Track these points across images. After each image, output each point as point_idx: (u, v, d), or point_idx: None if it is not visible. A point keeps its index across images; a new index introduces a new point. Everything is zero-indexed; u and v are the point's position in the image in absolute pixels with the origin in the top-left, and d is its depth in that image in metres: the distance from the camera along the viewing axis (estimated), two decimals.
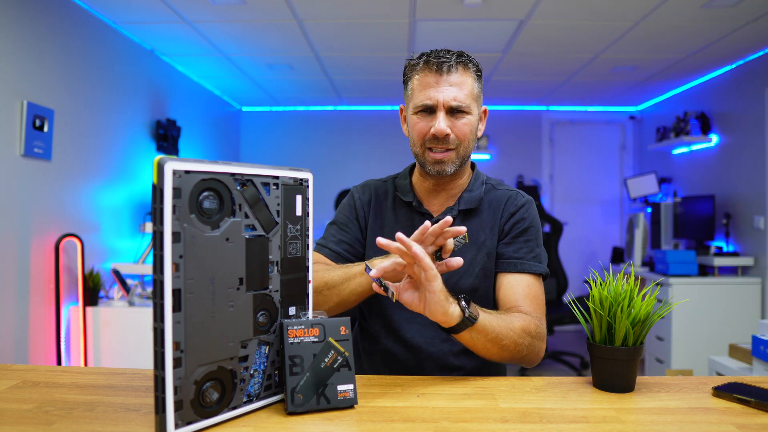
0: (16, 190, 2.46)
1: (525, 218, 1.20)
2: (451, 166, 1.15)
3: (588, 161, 5.47)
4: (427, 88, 1.12)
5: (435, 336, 1.17)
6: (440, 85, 1.11)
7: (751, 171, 3.57)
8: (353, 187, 1.33)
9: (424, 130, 1.13)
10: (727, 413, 0.81)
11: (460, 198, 1.22)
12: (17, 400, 0.83)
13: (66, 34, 2.77)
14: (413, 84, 1.16)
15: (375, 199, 1.27)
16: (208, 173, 0.72)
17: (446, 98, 1.11)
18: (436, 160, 1.14)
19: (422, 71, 1.14)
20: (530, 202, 1.23)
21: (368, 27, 3.22)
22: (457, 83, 1.12)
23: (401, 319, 1.19)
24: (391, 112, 5.49)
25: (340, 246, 1.23)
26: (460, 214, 1.20)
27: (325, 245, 1.24)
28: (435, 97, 1.11)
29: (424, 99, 1.12)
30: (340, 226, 1.27)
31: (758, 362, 2.28)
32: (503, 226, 1.21)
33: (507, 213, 1.21)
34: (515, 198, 1.23)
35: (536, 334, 1.03)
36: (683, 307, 3.48)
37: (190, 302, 0.70)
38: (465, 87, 1.12)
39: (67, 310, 2.82)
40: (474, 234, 1.20)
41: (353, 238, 1.25)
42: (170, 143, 3.78)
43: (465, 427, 0.75)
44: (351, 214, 1.27)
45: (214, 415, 0.73)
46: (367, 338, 1.26)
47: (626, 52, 3.59)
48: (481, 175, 1.27)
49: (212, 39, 3.43)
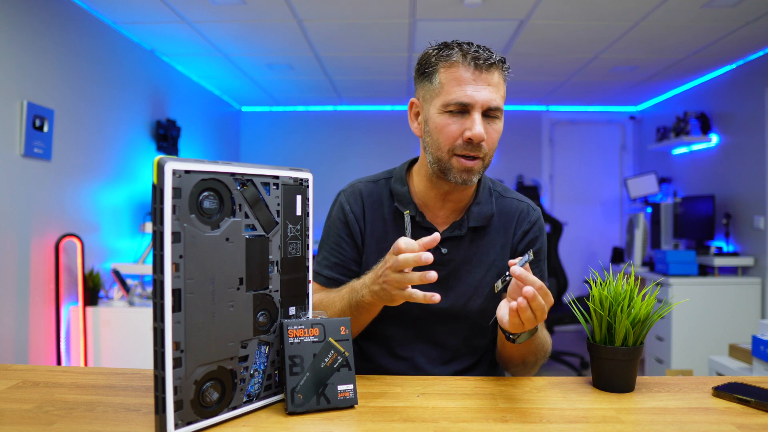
0: (16, 190, 2.45)
1: (537, 237, 1.15)
2: (476, 176, 1.03)
3: (588, 161, 5.47)
4: (463, 84, 0.98)
5: (438, 357, 1.13)
6: (478, 83, 0.98)
7: (751, 171, 3.57)
8: (341, 194, 1.18)
9: (455, 133, 0.99)
10: (727, 413, 0.81)
11: (468, 212, 1.11)
12: (17, 400, 0.83)
13: (66, 34, 2.77)
14: (442, 77, 1.01)
15: (369, 210, 1.14)
16: (208, 173, 0.72)
17: (484, 99, 0.98)
18: (466, 168, 1.01)
19: (456, 64, 0.99)
20: (540, 217, 1.17)
21: (368, 27, 3.22)
22: (495, 83, 1.00)
23: (405, 338, 1.13)
24: (391, 112, 5.49)
25: (335, 270, 1.13)
26: (469, 231, 1.11)
27: (320, 272, 1.14)
28: (473, 96, 0.98)
29: (461, 96, 0.98)
30: (332, 246, 1.15)
31: (758, 362, 2.28)
32: (516, 245, 1.14)
33: (520, 231, 1.14)
34: (527, 213, 1.15)
35: (547, 354, 1.08)
36: (683, 307, 3.48)
37: (190, 302, 0.70)
38: (501, 89, 1.02)
39: (67, 310, 2.82)
40: (483, 252, 1.11)
41: (348, 258, 1.14)
42: (170, 143, 3.78)
43: (465, 427, 0.75)
44: (343, 231, 1.14)
45: (214, 415, 0.73)
46: (363, 358, 1.18)
47: (626, 52, 3.59)
48: (486, 180, 1.16)
49: (212, 39, 3.43)
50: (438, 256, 1.08)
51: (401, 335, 1.12)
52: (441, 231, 1.10)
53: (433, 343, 1.12)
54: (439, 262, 1.08)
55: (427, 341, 1.12)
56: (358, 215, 1.14)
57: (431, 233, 0.96)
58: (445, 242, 1.10)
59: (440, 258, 1.09)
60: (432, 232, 1.08)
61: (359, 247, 1.14)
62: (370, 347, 1.16)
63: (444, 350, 1.12)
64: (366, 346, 1.17)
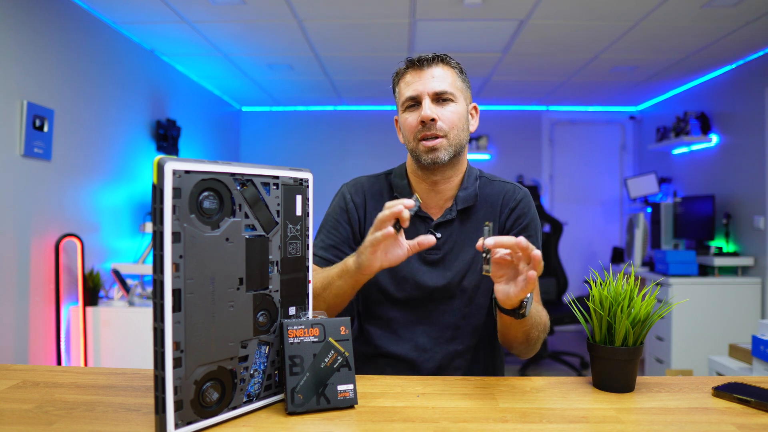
0: (16, 190, 2.45)
1: (525, 213, 1.22)
2: (444, 153, 1.14)
3: (588, 161, 5.47)
4: (410, 84, 1.16)
5: (439, 336, 1.18)
6: (423, 78, 1.14)
7: (751, 171, 3.57)
8: (344, 186, 1.30)
9: (413, 122, 1.15)
10: (727, 413, 0.81)
11: (456, 198, 1.21)
12: (17, 400, 0.83)
13: (66, 34, 2.77)
14: (400, 87, 1.19)
15: (370, 200, 1.25)
16: (208, 173, 0.72)
17: (429, 87, 1.13)
18: (428, 147, 1.13)
19: (405, 73, 1.18)
20: (528, 195, 1.25)
21: (368, 27, 3.22)
22: (439, 75, 1.14)
23: (406, 320, 1.20)
24: (391, 112, 5.49)
25: (329, 252, 1.21)
26: (458, 214, 1.20)
27: (316, 253, 1.21)
28: (418, 89, 1.14)
29: (409, 92, 1.15)
30: (328, 230, 1.24)
31: (758, 362, 2.28)
32: (504, 222, 1.22)
33: (507, 209, 1.22)
34: (513, 192, 1.24)
35: (546, 327, 1.11)
36: (683, 307, 3.48)
37: (190, 302, 0.70)
38: (447, 78, 1.15)
39: (67, 310, 2.82)
40: (473, 232, 1.20)
41: (341, 240, 1.23)
42: (170, 143, 3.78)
43: (465, 427, 0.75)
44: (341, 217, 1.25)
45: (214, 415, 0.73)
46: (365, 342, 1.25)
47: (626, 52, 3.59)
48: (474, 170, 1.26)
49: (212, 39, 3.43)
50: None
51: (402, 317, 1.20)
52: (435, 219, 1.21)
53: (433, 322, 1.19)
54: (435, 246, 1.15)
55: (428, 321, 1.19)
56: (359, 205, 1.25)
57: (426, 221, 1.20)
58: (438, 227, 1.20)
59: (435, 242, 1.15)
60: (427, 220, 1.21)
61: (356, 234, 1.24)
62: (375, 331, 1.22)
63: (444, 329, 1.19)
64: (369, 330, 1.23)
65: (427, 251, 1.17)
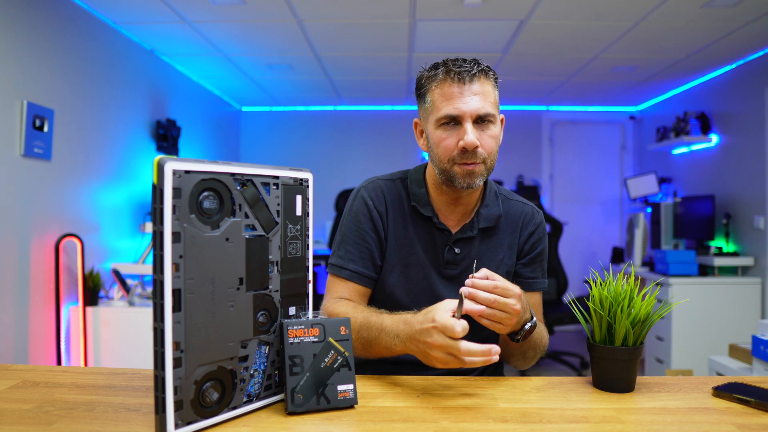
0: (16, 190, 2.45)
1: (541, 238, 1.24)
2: (480, 179, 1.09)
3: (588, 161, 5.47)
4: (450, 99, 1.06)
5: None
6: (464, 95, 1.06)
7: (751, 171, 3.57)
8: (362, 190, 1.22)
9: (451, 145, 1.07)
10: (727, 413, 0.81)
11: (477, 214, 1.18)
12: (17, 400, 0.83)
13: (66, 34, 2.77)
14: (433, 96, 1.09)
15: (391, 208, 1.20)
16: (208, 173, 0.72)
17: (472, 108, 1.05)
18: (468, 171, 1.07)
19: (442, 82, 1.08)
20: (543, 219, 1.26)
21: (368, 27, 3.22)
22: (480, 92, 1.06)
23: None
24: (391, 112, 5.49)
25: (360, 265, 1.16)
26: (479, 232, 1.18)
27: (344, 266, 1.16)
28: (461, 108, 1.05)
29: (450, 110, 1.06)
30: (355, 240, 1.17)
31: (758, 362, 2.28)
32: (522, 245, 1.22)
33: (526, 232, 1.22)
34: (531, 215, 1.24)
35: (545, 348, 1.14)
36: (683, 307, 3.48)
37: (190, 302, 0.70)
38: (489, 96, 1.08)
39: (67, 310, 2.82)
40: (492, 251, 1.19)
41: (373, 252, 1.18)
42: (170, 143, 3.78)
43: (465, 427, 0.75)
44: (367, 225, 1.18)
45: (214, 415, 0.73)
46: None
47: (626, 52, 3.59)
48: (492, 185, 1.24)
49: (212, 39, 3.43)
50: (452, 255, 1.17)
51: None
52: (453, 232, 1.18)
53: None
54: (453, 261, 1.18)
55: None
56: (382, 212, 1.19)
57: (445, 233, 1.17)
58: (458, 243, 1.18)
59: (453, 257, 1.18)
60: (446, 232, 1.17)
61: (383, 243, 1.19)
62: None
63: None
64: None
65: (446, 266, 1.17)
